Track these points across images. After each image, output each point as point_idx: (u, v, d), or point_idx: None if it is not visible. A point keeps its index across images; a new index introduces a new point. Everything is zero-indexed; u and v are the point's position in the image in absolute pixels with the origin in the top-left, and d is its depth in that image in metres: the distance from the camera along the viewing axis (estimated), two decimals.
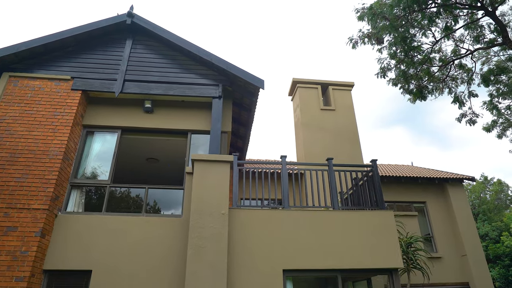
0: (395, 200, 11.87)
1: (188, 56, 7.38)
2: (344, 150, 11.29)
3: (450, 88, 9.48)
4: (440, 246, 11.30)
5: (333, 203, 6.38)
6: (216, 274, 5.28)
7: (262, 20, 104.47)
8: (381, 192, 6.59)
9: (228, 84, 7.18)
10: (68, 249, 5.73)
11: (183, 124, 7.12)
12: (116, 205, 7.21)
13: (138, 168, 9.74)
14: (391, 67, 8.92)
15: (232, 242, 5.68)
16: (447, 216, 11.76)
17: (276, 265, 5.62)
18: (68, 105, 6.61)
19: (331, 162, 6.72)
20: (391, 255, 5.96)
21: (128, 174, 10.07)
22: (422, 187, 12.11)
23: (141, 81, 7.05)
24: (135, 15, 7.33)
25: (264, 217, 5.99)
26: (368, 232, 6.08)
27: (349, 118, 12.08)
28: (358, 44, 8.52)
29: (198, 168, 6.05)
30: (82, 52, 7.21)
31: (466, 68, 9.02)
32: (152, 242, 5.90)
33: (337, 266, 5.76)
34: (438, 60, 9.10)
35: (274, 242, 5.78)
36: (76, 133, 6.68)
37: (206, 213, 5.70)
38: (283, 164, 6.58)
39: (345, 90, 12.59)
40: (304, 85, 12.50)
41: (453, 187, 11.97)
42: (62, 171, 6.13)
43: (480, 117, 9.39)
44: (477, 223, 21.34)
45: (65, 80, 6.84)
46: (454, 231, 11.49)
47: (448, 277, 10.79)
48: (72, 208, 6.34)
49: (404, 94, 9.33)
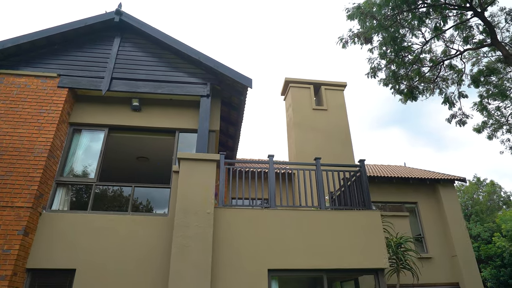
0: (387, 200, 11.87)
1: (177, 55, 7.34)
2: (335, 150, 11.30)
3: (440, 88, 9.50)
4: (431, 247, 11.31)
5: (320, 203, 6.36)
6: (200, 273, 5.25)
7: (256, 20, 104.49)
8: (369, 192, 6.58)
9: (217, 83, 7.15)
10: (52, 248, 5.68)
11: (171, 123, 7.08)
12: (103, 204, 7.16)
13: (128, 166, 9.70)
14: (382, 67, 8.92)
15: (217, 242, 5.65)
16: (438, 216, 11.77)
17: (261, 264, 5.59)
18: (54, 103, 6.56)
19: (319, 162, 6.71)
20: (377, 255, 5.95)
21: (118, 173, 10.03)
22: (413, 188, 12.12)
23: (129, 79, 7.01)
24: (123, 13, 7.28)
25: (250, 216, 5.96)
26: (354, 232, 6.07)
27: (341, 118, 12.09)
28: (348, 44, 8.51)
29: (184, 166, 6.02)
30: (69, 49, 7.16)
31: (456, 69, 9.04)
32: (137, 241, 5.86)
33: (322, 266, 5.74)
34: (429, 60, 9.11)
35: (260, 242, 5.76)
36: (63, 130, 6.62)
37: (191, 212, 5.66)
38: (270, 164, 6.56)
39: (338, 90, 12.60)
40: (296, 85, 12.50)
41: (444, 187, 11.98)
42: (47, 168, 6.07)
43: (470, 118, 9.42)
44: (469, 224, 21.44)
45: (51, 77, 6.79)
46: (445, 232, 11.51)
47: (439, 278, 10.80)
48: (57, 206, 6.28)
49: (394, 94, 9.34)
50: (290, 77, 12.61)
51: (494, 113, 10.17)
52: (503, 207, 23.74)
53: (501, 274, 17.55)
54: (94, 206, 6.44)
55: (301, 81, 12.57)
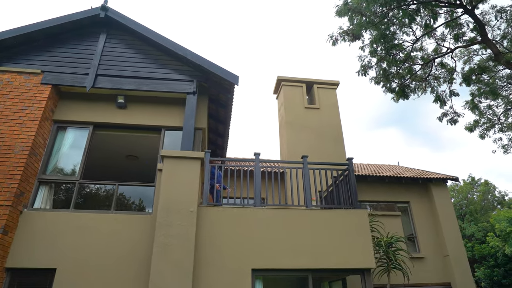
0: (379, 199, 11.79)
1: (163, 51, 7.24)
2: (327, 149, 11.23)
3: (432, 87, 9.43)
4: (423, 246, 11.24)
5: (306, 202, 6.28)
6: (181, 273, 5.16)
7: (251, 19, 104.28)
8: (356, 191, 6.50)
9: (203, 80, 7.06)
10: (32, 247, 5.58)
11: (156, 120, 6.99)
12: (88, 202, 7.05)
13: (118, 165, 9.60)
14: (372, 65, 8.84)
15: (200, 241, 5.57)
16: (430, 216, 11.70)
17: (245, 264, 5.51)
18: (37, 100, 6.45)
19: (306, 160, 6.63)
20: (364, 255, 5.88)
21: (108, 171, 9.93)
22: (406, 187, 12.04)
23: (114, 76, 6.90)
24: (109, 9, 7.18)
25: (234, 215, 5.88)
26: (341, 231, 5.99)
27: (334, 117, 12.01)
28: (338, 41, 8.43)
29: (168, 164, 5.93)
30: (54, 45, 7.05)
31: (448, 67, 8.96)
32: (119, 240, 5.76)
33: (308, 266, 5.66)
34: (420, 58, 9.03)
35: (243, 241, 5.67)
36: (46, 128, 6.51)
37: (174, 211, 5.57)
38: (256, 162, 6.47)
39: (330, 89, 12.52)
40: (289, 83, 12.42)
41: (436, 187, 11.91)
42: (28, 166, 5.96)
43: (462, 117, 9.34)
44: (463, 223, 21.39)
45: (35, 74, 6.68)
46: (437, 231, 11.44)
47: (431, 278, 10.74)
48: (39, 204, 6.17)
49: (386, 92, 9.27)
50: (282, 75, 12.54)
51: (486, 112, 10.10)
52: (498, 207, 23.72)
53: (495, 274, 17.52)
54: (79, 205, 6.34)
55: (294, 79, 12.48)
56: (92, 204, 7.14)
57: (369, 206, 11.93)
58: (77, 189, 6.32)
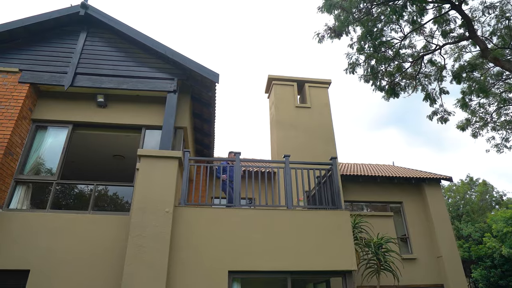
0: (371, 200, 11.65)
1: (144, 49, 7.13)
2: (318, 149, 11.07)
3: (423, 85, 9.26)
4: (416, 247, 11.09)
5: (287, 202, 6.14)
6: (155, 274, 5.04)
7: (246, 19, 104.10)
8: (339, 191, 6.36)
9: (185, 79, 6.93)
10: (6, 248, 5.46)
11: (137, 119, 6.87)
12: (67, 203, 6.93)
13: (106, 164, 9.50)
14: (360, 63, 8.68)
15: (177, 242, 5.44)
16: (423, 216, 11.55)
17: (222, 266, 5.37)
18: (14, 98, 6.35)
19: (288, 159, 6.50)
20: (345, 256, 5.72)
21: (96, 171, 9.84)
22: (398, 187, 11.90)
23: (94, 74, 6.80)
24: (89, 7, 7.07)
25: (212, 216, 5.75)
26: (322, 232, 5.84)
27: (325, 116, 11.85)
28: (325, 39, 8.28)
29: (144, 164, 5.81)
30: (33, 44, 6.95)
31: (437, 65, 8.79)
32: (95, 241, 5.64)
33: (287, 268, 5.52)
34: (409, 56, 8.87)
35: (221, 242, 5.53)
36: (24, 127, 6.41)
37: (149, 211, 5.45)
38: (237, 161, 6.35)
39: (322, 87, 12.36)
40: (279, 82, 12.27)
41: (430, 187, 11.76)
42: (3, 166, 5.86)
43: (452, 115, 9.17)
44: (460, 224, 21.13)
45: (12, 72, 6.58)
46: (430, 232, 11.29)
47: (423, 279, 10.58)
48: (15, 205, 6.07)
49: (375, 91, 9.12)
50: (273, 74, 12.40)
51: (478, 110, 9.90)
52: (496, 207, 23.43)
53: (492, 275, 17.28)
54: (57, 205, 6.23)
55: (285, 78, 12.34)
56: (72, 205, 7.02)
57: (365, 206, 11.79)
58: (54, 189, 6.22)
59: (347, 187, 11.51)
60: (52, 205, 6.11)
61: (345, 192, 11.38)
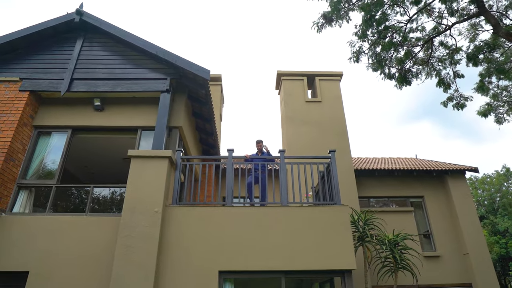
0: (389, 195, 11.06)
1: (138, 51, 7.15)
2: (330, 144, 10.65)
3: (437, 70, 8.62)
4: (440, 244, 10.39)
5: (282, 198, 5.90)
6: (143, 275, 4.99)
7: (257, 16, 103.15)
8: (338, 186, 6.02)
9: (178, 77, 6.88)
10: (7, 250, 5.64)
11: (133, 121, 6.90)
12: (67, 205, 7.10)
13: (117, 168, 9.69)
14: (364, 50, 8.22)
15: (167, 242, 5.38)
16: (447, 211, 10.80)
17: (212, 266, 5.24)
18: (15, 106, 6.56)
19: (283, 154, 6.25)
20: (344, 255, 5.40)
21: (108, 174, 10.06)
22: (419, 181, 11.22)
23: (89, 79, 6.90)
24: (84, 13, 7.20)
25: (203, 215, 5.63)
26: (319, 229, 5.56)
27: (337, 109, 11.46)
28: (325, 27, 7.88)
29: (135, 164, 5.81)
30: (33, 53, 7.18)
31: (451, 48, 8.13)
32: (91, 243, 5.68)
33: (281, 267, 5.29)
34: (417, 39, 8.28)
35: (212, 242, 5.41)
36: (25, 133, 6.62)
37: (139, 211, 5.43)
38: (229, 158, 6.19)
39: (333, 80, 11.97)
40: (288, 78, 12.03)
41: (453, 179, 10.98)
42: (5, 172, 6.06)
43: (470, 100, 8.43)
44: (496, 218, 19.59)
45: (14, 81, 6.82)
46: (455, 228, 10.53)
47: (448, 278, 9.88)
48: (18, 209, 6.26)
49: (384, 79, 8.61)
50: (282, 69, 12.15)
51: (499, 93, 9.03)
52: None
53: None
54: (55, 208, 6.36)
55: (294, 73, 12.07)
56: (72, 207, 7.18)
57: (383, 202, 11.23)
58: (53, 193, 6.36)
59: (362, 182, 11.02)
60: (52, 208, 6.26)
61: (361, 187, 10.90)
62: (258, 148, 7.45)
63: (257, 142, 7.50)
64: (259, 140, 7.40)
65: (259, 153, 7.30)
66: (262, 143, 7.29)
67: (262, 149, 7.30)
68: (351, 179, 10.19)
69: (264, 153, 7.23)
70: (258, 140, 7.42)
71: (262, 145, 7.31)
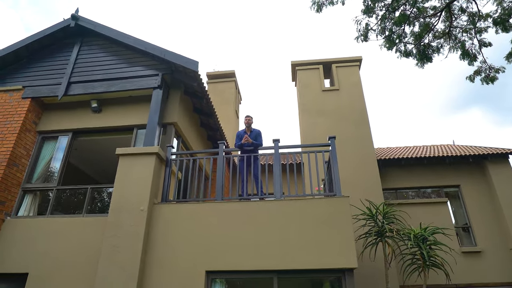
0: (418, 185, 10.07)
1: (131, 50, 7.09)
2: (349, 133, 10.00)
3: (462, 42, 7.62)
4: (481, 238, 9.23)
5: (275, 191, 5.46)
6: (127, 276, 4.82)
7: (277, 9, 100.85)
8: (338, 176, 5.44)
9: (170, 72, 6.70)
10: (8, 253, 5.78)
11: (129, 120, 6.83)
12: (67, 207, 7.20)
13: None
14: (372, 27, 7.46)
15: (153, 241, 5.18)
16: (488, 201, 9.58)
17: (199, 265, 4.94)
18: (18, 113, 6.78)
19: (277, 144, 5.80)
20: (344, 252, 4.83)
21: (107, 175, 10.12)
22: (454, 168, 10.09)
23: (86, 81, 6.96)
24: (79, 18, 7.29)
25: (191, 212, 5.36)
26: (315, 224, 5.04)
27: (356, 97, 10.69)
28: (326, 6, 7.24)
29: (123, 162, 5.70)
30: (34, 61, 7.40)
31: (474, 13, 7.08)
32: (87, 243, 5.64)
33: (273, 267, 4.85)
34: (431, 8, 7.35)
35: (200, 240, 5.11)
36: (28, 139, 6.80)
37: (125, 210, 5.29)
38: (220, 152, 5.87)
39: (351, 66, 11.21)
40: (303, 67, 11.47)
41: (494, 165, 9.73)
42: (8, 177, 6.25)
43: (501, 72, 7.31)
44: None
45: (17, 90, 7.06)
46: (499, 219, 9.30)
47: (492, 276, 8.73)
48: (23, 212, 6.43)
49: (400, 57, 7.79)
50: (296, 60, 11.61)
51: None
52: None
53: None
54: (57, 210, 6.45)
55: (309, 62, 11.48)
56: (73, 209, 7.26)
57: (405, 194, 10.28)
58: (54, 196, 6.45)
59: (388, 173, 10.15)
60: (53, 211, 6.35)
61: (386, 179, 10.04)
62: (246, 123, 6.87)
63: (246, 117, 6.94)
64: (248, 115, 6.96)
65: (248, 130, 6.81)
66: (251, 118, 6.80)
67: (251, 124, 6.79)
68: (373, 170, 9.39)
69: (254, 130, 6.72)
70: (247, 115, 6.96)
71: (250, 119, 6.82)
